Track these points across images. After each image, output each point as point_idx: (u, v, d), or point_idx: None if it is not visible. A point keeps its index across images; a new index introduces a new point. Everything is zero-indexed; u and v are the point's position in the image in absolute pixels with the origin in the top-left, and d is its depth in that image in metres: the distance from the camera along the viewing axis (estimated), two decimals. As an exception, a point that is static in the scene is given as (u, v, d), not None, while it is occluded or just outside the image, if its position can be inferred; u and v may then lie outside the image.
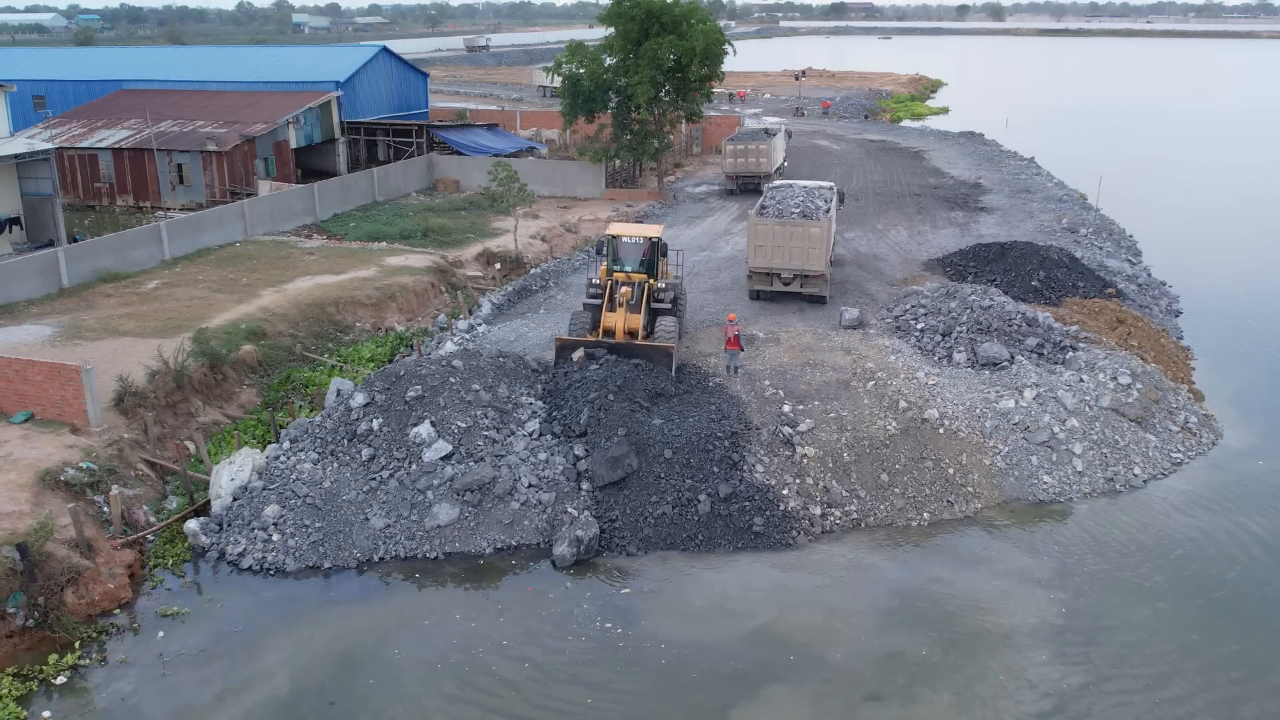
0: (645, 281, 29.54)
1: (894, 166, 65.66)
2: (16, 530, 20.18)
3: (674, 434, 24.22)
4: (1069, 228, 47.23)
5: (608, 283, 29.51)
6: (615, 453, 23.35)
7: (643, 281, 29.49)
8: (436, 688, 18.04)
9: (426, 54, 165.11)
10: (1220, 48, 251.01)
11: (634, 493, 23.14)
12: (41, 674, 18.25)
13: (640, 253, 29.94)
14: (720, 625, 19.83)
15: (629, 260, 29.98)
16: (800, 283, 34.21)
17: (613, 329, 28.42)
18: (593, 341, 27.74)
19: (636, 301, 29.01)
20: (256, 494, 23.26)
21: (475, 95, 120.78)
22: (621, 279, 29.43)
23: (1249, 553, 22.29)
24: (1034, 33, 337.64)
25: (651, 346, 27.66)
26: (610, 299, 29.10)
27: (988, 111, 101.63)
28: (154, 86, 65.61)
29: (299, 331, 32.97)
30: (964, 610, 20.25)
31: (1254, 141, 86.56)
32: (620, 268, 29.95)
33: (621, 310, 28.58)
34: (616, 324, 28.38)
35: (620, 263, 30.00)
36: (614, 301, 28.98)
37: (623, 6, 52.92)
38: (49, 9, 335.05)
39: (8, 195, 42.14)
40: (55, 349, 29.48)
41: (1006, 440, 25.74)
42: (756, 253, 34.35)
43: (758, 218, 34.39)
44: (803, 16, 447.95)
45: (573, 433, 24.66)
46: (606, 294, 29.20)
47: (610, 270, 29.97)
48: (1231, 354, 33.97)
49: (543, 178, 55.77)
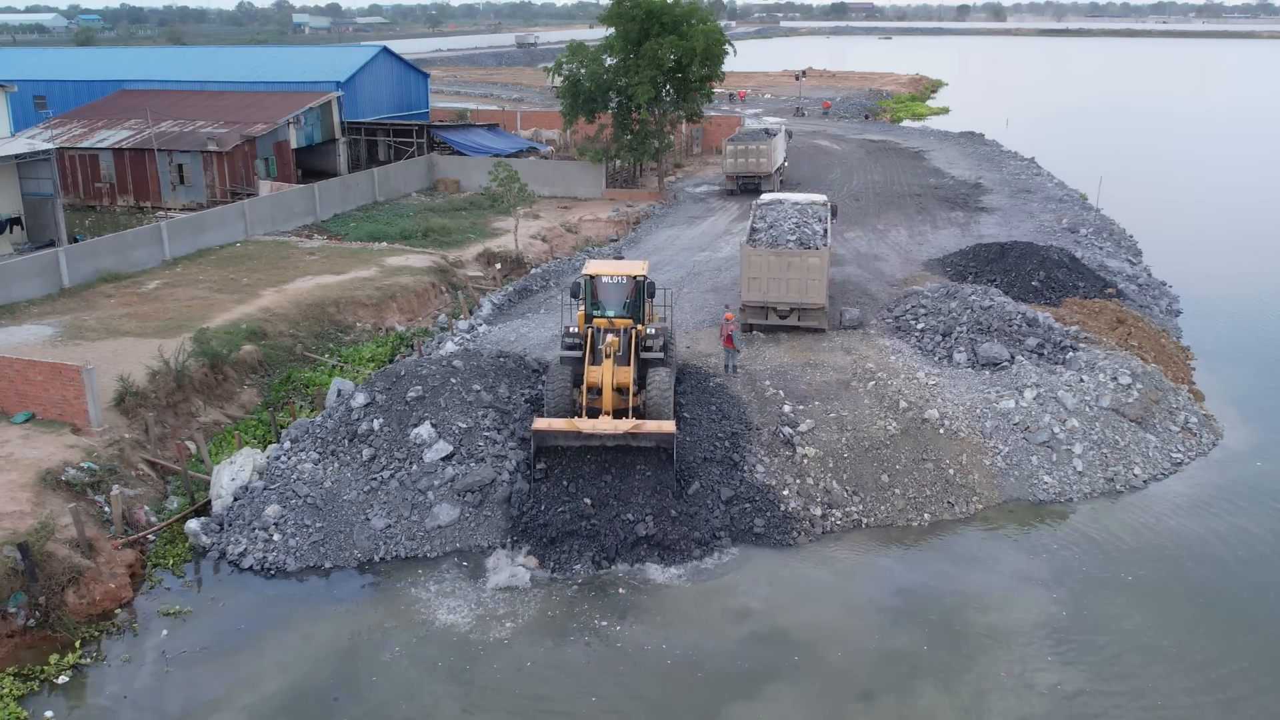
0: (631, 328, 25.43)
1: (894, 167, 65.66)
2: (18, 530, 20.20)
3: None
4: (1069, 228, 47.24)
5: (588, 330, 25.47)
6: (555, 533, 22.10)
7: (628, 327, 25.41)
8: (437, 686, 18.06)
9: (427, 54, 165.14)
10: (1220, 48, 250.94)
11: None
12: (43, 674, 18.27)
13: (624, 294, 25.71)
14: (721, 625, 19.84)
15: (611, 304, 25.75)
16: (798, 316, 31.38)
17: (598, 385, 24.22)
18: (574, 434, 22.80)
19: (624, 352, 24.88)
20: (257, 494, 23.28)
21: (476, 95, 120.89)
22: (603, 325, 25.38)
23: (1249, 553, 22.29)
24: (1035, 33, 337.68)
25: (648, 435, 22.83)
26: (593, 349, 25.16)
27: (988, 112, 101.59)
28: (154, 87, 65.67)
29: (300, 331, 32.99)
30: (965, 609, 20.26)
31: (1254, 142, 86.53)
32: (601, 313, 25.72)
33: (608, 363, 24.08)
34: (603, 379, 23.93)
35: (600, 307, 25.76)
36: (597, 353, 24.96)
37: (623, 7, 52.96)
38: (49, 9, 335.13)
39: (8, 195, 42.17)
40: (56, 349, 29.51)
41: (1007, 440, 25.75)
42: (750, 285, 31.29)
43: (751, 248, 31.40)
44: (803, 16, 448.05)
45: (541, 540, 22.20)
46: (588, 343, 25.18)
47: (589, 315, 25.87)
48: (1231, 354, 33.97)
49: (543, 178, 55.80)
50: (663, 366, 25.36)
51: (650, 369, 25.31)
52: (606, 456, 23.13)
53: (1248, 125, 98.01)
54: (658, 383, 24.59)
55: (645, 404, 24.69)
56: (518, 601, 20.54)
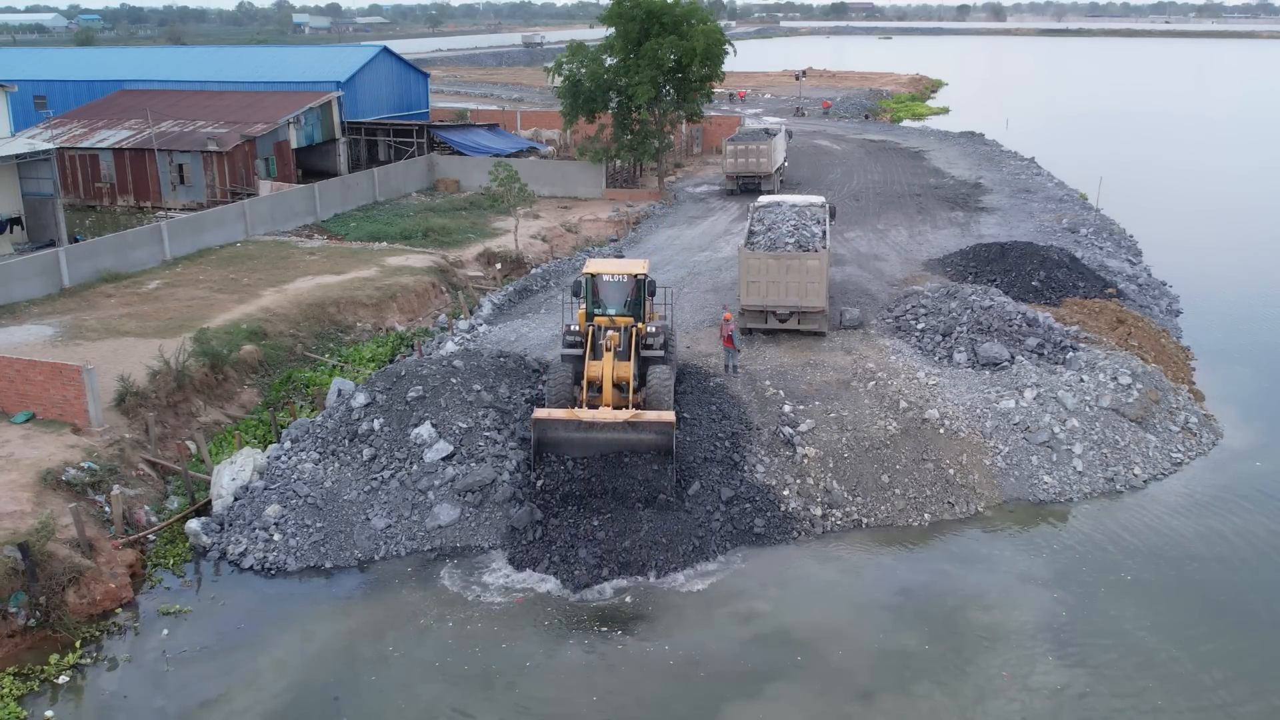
0: (632, 326, 25.80)
1: (894, 166, 65.67)
2: (18, 530, 20.21)
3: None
4: (1069, 228, 47.24)
5: (588, 329, 25.86)
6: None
7: (629, 326, 25.76)
8: (438, 686, 18.07)
9: (427, 54, 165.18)
10: (1221, 48, 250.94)
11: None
12: (43, 673, 18.28)
13: (625, 293, 26.12)
14: (722, 625, 19.84)
15: (612, 302, 26.14)
16: (798, 319, 31.12)
17: (598, 379, 24.51)
18: (574, 423, 23.16)
19: (625, 348, 25.27)
20: (258, 494, 23.29)
21: (476, 95, 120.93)
22: (605, 324, 25.71)
23: (1249, 553, 22.29)
24: (1035, 33, 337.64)
25: (647, 424, 23.11)
26: (593, 345, 25.60)
27: (988, 112, 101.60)
28: (155, 87, 65.68)
29: (300, 331, 33.00)
30: (966, 609, 20.26)
31: (1254, 142, 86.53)
32: (602, 311, 26.06)
33: (609, 357, 24.47)
34: (604, 373, 24.24)
35: (601, 305, 26.14)
36: (598, 349, 25.36)
37: (623, 7, 52.98)
38: (49, 9, 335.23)
39: (9, 195, 42.18)
40: (56, 349, 29.52)
41: (1007, 440, 25.76)
42: (749, 289, 30.99)
43: (749, 251, 31.13)
44: (803, 16, 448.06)
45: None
46: (589, 341, 25.63)
47: (590, 314, 26.18)
48: (1231, 354, 33.96)
49: (543, 178, 55.81)
50: (663, 364, 25.71)
51: (651, 366, 25.69)
52: (606, 466, 23.10)
53: (1247, 125, 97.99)
54: (658, 374, 25.02)
55: (646, 399, 24.93)
56: (518, 602, 20.55)
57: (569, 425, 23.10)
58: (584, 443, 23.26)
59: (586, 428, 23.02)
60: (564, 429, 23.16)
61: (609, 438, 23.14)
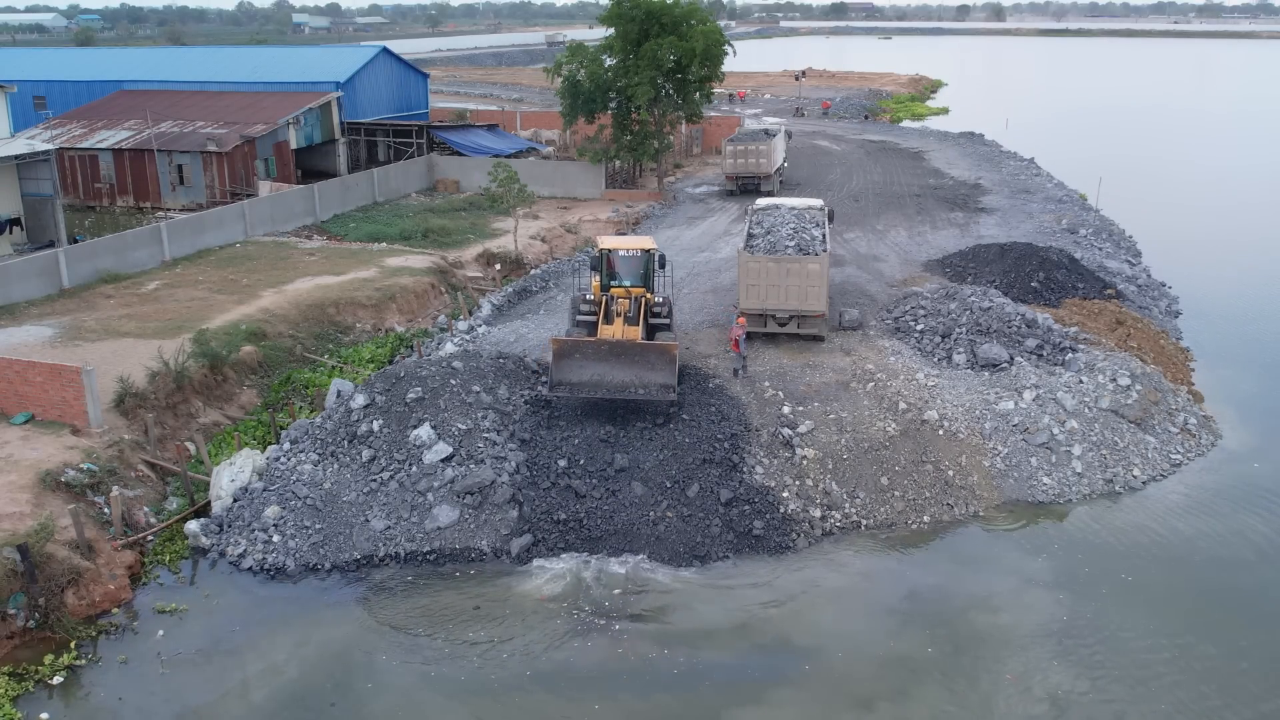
0: (642, 296, 28.35)
1: (894, 167, 65.68)
2: (17, 531, 20.22)
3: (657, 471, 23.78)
4: (1069, 228, 47.24)
5: (603, 298, 28.09)
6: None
7: (639, 296, 28.24)
8: (435, 692, 18.04)
9: (427, 54, 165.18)
10: (1221, 48, 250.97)
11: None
12: (38, 674, 18.26)
13: (638, 266, 28.73)
14: (723, 627, 19.83)
15: (627, 274, 28.72)
16: (797, 323, 30.96)
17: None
18: (592, 341, 26.19)
19: (635, 314, 27.64)
20: (257, 495, 23.29)
21: (475, 95, 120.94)
22: (620, 294, 28.11)
23: (1248, 554, 22.31)
24: (1034, 33, 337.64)
25: (653, 346, 26.05)
26: (606, 312, 27.78)
27: (987, 112, 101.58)
28: (154, 87, 65.65)
29: (299, 332, 32.98)
30: (966, 611, 20.27)
31: (1254, 142, 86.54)
32: (618, 282, 28.62)
33: (619, 322, 27.07)
34: (615, 335, 26.78)
35: (617, 277, 28.70)
36: (610, 314, 27.64)
37: (623, 7, 52.95)
38: (49, 9, 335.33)
39: (8, 196, 42.18)
40: (56, 350, 29.51)
41: (1006, 442, 25.75)
42: (748, 292, 30.79)
43: (748, 255, 30.92)
44: (803, 16, 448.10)
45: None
46: (602, 309, 27.86)
47: (605, 286, 28.60)
48: (1231, 355, 33.96)
49: (543, 178, 55.79)
50: (667, 331, 28.60)
51: (656, 332, 28.60)
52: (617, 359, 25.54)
53: (1248, 126, 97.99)
54: (663, 337, 27.86)
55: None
56: (519, 606, 20.54)
57: (584, 348, 25.69)
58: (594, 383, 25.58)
59: (598, 343, 25.77)
60: (580, 349, 25.66)
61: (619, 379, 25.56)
